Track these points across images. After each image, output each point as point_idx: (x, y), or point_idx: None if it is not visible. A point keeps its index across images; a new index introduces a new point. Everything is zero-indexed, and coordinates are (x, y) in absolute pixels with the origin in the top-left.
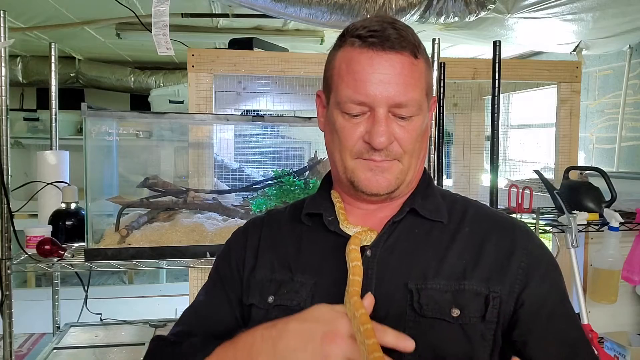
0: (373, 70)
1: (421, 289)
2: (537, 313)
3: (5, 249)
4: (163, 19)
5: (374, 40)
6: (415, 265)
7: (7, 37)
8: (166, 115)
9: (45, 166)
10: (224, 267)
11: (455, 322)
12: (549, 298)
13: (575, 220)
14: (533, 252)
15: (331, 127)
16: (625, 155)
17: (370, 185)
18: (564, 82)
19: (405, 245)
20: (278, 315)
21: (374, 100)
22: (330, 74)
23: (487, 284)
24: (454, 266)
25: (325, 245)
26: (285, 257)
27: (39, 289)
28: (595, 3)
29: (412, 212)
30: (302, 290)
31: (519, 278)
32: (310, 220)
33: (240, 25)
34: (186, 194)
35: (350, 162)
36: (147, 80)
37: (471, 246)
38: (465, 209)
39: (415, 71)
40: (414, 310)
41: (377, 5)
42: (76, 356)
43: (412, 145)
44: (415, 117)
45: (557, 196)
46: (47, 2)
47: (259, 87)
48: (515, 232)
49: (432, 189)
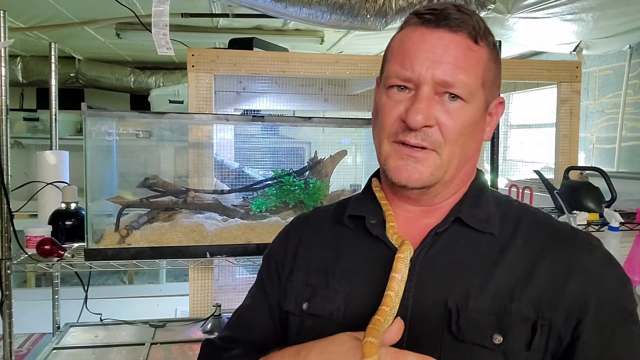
0: (423, 46)
1: (462, 309)
2: (594, 340)
3: (5, 249)
4: (163, 19)
5: (430, 17)
6: (458, 282)
7: (7, 37)
8: (166, 115)
9: (45, 166)
10: (265, 268)
11: (497, 349)
12: (609, 322)
13: (576, 220)
14: (595, 269)
15: (376, 109)
16: (625, 155)
17: (399, 175)
18: (564, 82)
19: (448, 259)
20: (312, 324)
21: (419, 77)
22: (385, 54)
23: (537, 307)
24: (502, 285)
25: (367, 251)
26: (323, 260)
27: (38, 289)
28: (595, 3)
29: (457, 221)
30: (336, 299)
31: (578, 303)
32: (352, 222)
33: (240, 25)
34: (186, 194)
35: (386, 147)
36: (147, 80)
37: (524, 262)
38: (521, 217)
39: (472, 56)
40: (452, 333)
41: (377, 5)
42: (76, 356)
43: (455, 136)
44: (465, 106)
45: (557, 196)
46: (47, 2)
47: (259, 87)
48: (574, 245)
49: (485, 195)
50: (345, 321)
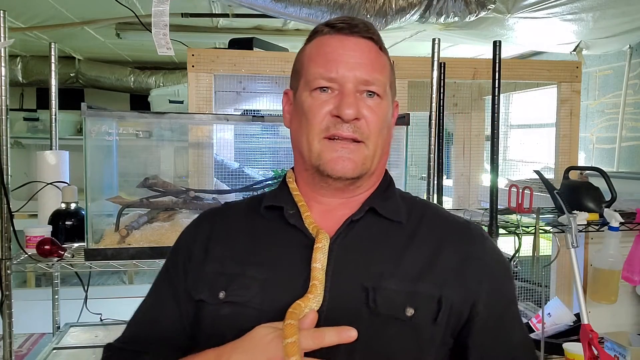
0: (343, 50)
1: (377, 288)
2: (487, 320)
3: (5, 249)
4: (163, 19)
5: (343, 26)
6: (373, 265)
7: (7, 37)
8: (166, 115)
9: (45, 166)
10: (171, 262)
11: (409, 321)
12: (498, 304)
13: (576, 220)
14: (487, 259)
15: (299, 112)
16: (625, 155)
17: (337, 167)
18: (564, 82)
19: (362, 244)
20: (229, 312)
21: (343, 77)
22: (301, 62)
23: (441, 288)
24: (410, 267)
25: (283, 240)
26: (238, 250)
27: (38, 289)
28: (595, 3)
29: (371, 211)
30: (253, 286)
31: (473, 288)
32: (268, 213)
33: (240, 25)
34: (186, 194)
35: (317, 145)
36: (147, 80)
37: (428, 249)
38: (424, 211)
39: (381, 60)
40: (369, 308)
41: (377, 5)
42: (76, 356)
43: (377, 129)
44: (382, 102)
45: (557, 196)
46: (47, 2)
47: (259, 87)
48: (470, 237)
49: (392, 190)
50: (263, 307)
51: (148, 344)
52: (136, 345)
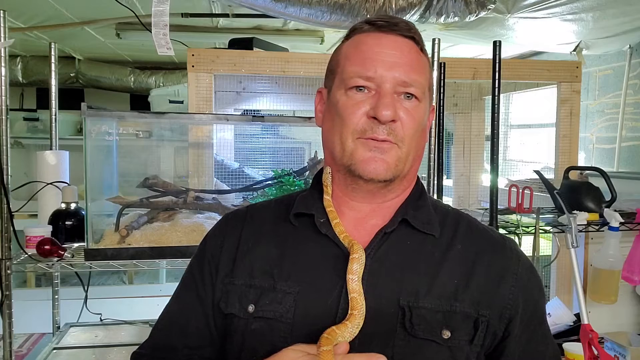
0: (381, 49)
1: (413, 307)
2: (521, 336)
3: (5, 249)
4: (163, 19)
5: (382, 24)
6: (407, 281)
7: (7, 37)
8: (166, 115)
9: (45, 166)
10: (198, 270)
11: (445, 344)
12: (532, 322)
13: (576, 220)
14: (522, 275)
15: (332, 112)
16: (625, 155)
17: (369, 167)
18: (564, 82)
19: (396, 258)
20: (260, 327)
21: (381, 77)
22: (336, 60)
23: (477, 307)
24: (446, 285)
25: (315, 250)
26: (267, 260)
27: (38, 289)
28: (595, 3)
29: (403, 222)
30: (285, 301)
31: (509, 305)
32: (298, 220)
33: (240, 25)
34: (186, 194)
35: (351, 143)
36: (147, 80)
37: (463, 265)
38: (457, 223)
39: (421, 60)
40: (405, 329)
41: (377, 5)
42: (76, 356)
43: (412, 132)
44: (419, 105)
45: (557, 196)
46: (47, 2)
47: (259, 87)
48: (505, 253)
49: (424, 199)
50: (296, 321)
51: (175, 353)
52: (163, 352)
